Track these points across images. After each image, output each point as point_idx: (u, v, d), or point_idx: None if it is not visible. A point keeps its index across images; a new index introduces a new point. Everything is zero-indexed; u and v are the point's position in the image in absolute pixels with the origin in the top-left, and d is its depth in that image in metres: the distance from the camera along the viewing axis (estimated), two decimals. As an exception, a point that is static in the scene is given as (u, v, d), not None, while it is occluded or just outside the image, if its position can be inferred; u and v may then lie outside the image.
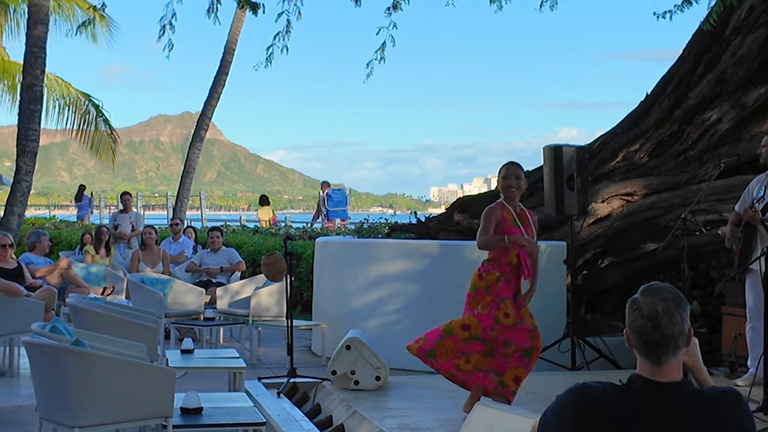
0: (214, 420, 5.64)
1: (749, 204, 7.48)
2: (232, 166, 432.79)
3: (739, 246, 7.63)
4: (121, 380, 5.36)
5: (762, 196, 7.47)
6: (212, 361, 7.85)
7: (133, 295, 11.27)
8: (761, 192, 7.49)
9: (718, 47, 10.02)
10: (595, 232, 9.97)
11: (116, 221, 16.14)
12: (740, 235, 7.60)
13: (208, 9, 11.12)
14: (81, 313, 7.75)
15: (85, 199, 26.46)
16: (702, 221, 8.70)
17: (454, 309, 8.16)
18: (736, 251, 7.70)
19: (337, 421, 6.92)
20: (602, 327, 9.53)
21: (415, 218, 11.73)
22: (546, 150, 9.08)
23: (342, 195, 22.63)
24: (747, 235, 7.56)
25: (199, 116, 23.09)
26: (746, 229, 7.55)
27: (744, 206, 7.81)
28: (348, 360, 7.55)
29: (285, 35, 11.63)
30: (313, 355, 10.89)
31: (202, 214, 29.59)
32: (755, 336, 7.53)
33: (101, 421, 5.30)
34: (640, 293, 2.85)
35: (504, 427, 4.28)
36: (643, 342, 2.78)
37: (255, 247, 15.84)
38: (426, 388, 7.79)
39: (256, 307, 10.77)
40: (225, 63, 22.55)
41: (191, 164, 22.97)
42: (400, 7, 10.98)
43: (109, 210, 31.69)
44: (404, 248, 10.06)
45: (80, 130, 23.05)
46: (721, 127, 9.73)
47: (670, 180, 9.93)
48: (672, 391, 2.77)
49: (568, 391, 2.86)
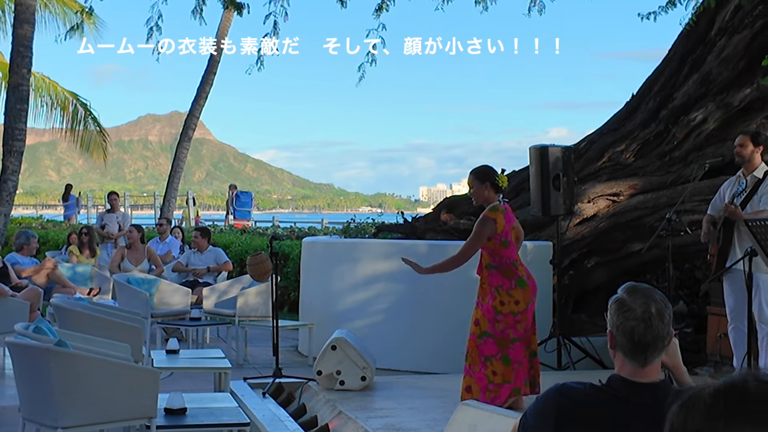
0: (198, 420, 5.64)
1: (729, 200, 7.51)
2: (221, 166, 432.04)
3: (717, 246, 7.66)
4: (104, 381, 5.35)
5: (741, 191, 7.49)
6: (197, 362, 7.84)
7: (119, 295, 11.23)
8: (741, 187, 7.51)
9: (703, 48, 10.05)
10: (581, 232, 9.99)
11: (103, 221, 16.09)
12: (718, 235, 7.64)
13: (193, 10, 11.13)
14: (65, 314, 7.73)
15: (72, 198, 26.37)
16: (687, 221, 8.72)
17: (440, 309, 8.23)
18: (713, 252, 7.73)
19: (322, 422, 6.92)
20: (588, 327, 9.55)
21: (402, 218, 11.73)
22: (532, 150, 9.09)
23: (248, 197, 25.04)
24: (725, 235, 7.59)
25: (187, 116, 23.06)
26: (724, 229, 7.60)
27: (716, 209, 7.86)
28: (334, 360, 7.55)
29: (273, 36, 11.64)
30: (299, 355, 10.88)
31: (189, 214, 29.53)
32: (738, 336, 7.56)
33: (84, 422, 5.29)
34: (626, 294, 2.84)
35: (488, 427, 4.28)
36: (633, 343, 2.77)
37: (242, 247, 15.81)
38: (412, 388, 7.79)
39: (243, 307, 10.75)
40: (213, 62, 22.50)
41: (179, 164, 22.94)
42: (386, 8, 10.99)
43: (97, 210, 31.58)
44: (391, 248, 10.05)
45: (69, 130, 22.97)
46: (707, 127, 9.76)
47: (655, 180, 9.96)
48: (652, 392, 2.77)
49: (548, 392, 2.86)
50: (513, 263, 6.72)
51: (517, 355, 6.65)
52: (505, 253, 6.71)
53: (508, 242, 6.71)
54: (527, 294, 6.67)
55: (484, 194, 6.82)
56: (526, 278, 6.71)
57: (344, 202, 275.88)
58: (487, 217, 6.70)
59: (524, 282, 6.68)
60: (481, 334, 6.66)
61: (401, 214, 12.07)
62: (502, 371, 6.62)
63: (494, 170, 6.96)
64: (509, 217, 6.80)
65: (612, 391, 2.79)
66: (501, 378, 6.61)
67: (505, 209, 6.81)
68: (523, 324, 6.66)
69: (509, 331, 6.63)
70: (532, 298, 6.70)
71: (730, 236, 7.59)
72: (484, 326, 6.65)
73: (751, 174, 7.62)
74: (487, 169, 6.96)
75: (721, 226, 7.63)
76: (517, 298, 6.65)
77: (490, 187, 6.81)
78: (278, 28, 11.54)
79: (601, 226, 9.98)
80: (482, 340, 6.66)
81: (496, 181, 6.81)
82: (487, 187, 6.81)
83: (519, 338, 6.66)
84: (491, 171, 6.94)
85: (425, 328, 9.37)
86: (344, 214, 27.29)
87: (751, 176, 7.61)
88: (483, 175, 6.87)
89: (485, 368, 6.63)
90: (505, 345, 6.62)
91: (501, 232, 6.67)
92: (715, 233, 7.68)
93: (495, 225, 6.66)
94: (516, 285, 6.66)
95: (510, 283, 6.67)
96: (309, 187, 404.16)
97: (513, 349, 6.64)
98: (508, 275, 6.68)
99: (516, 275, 6.69)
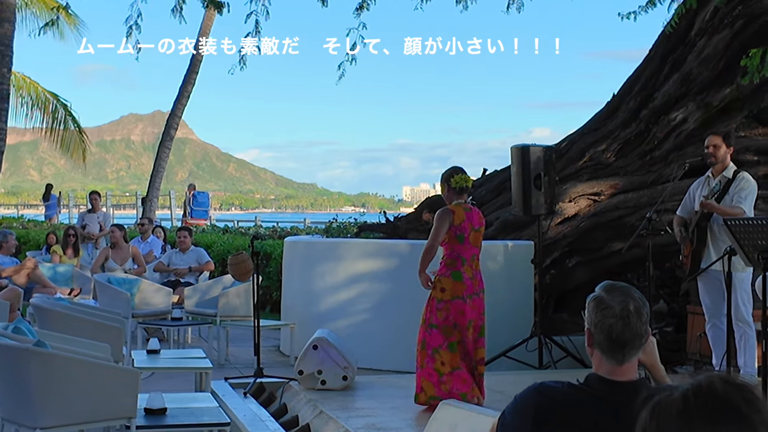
0: (178, 420, 5.63)
1: (707, 195, 7.56)
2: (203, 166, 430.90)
3: (690, 247, 7.72)
4: (83, 381, 5.33)
5: (719, 189, 7.53)
6: (178, 362, 7.82)
7: (100, 295, 11.18)
8: (718, 187, 7.56)
9: (683, 48, 10.10)
10: (563, 232, 10.01)
11: (84, 221, 16.01)
12: (691, 236, 7.70)
13: (173, 9, 11.10)
14: (45, 314, 7.70)
15: (53, 198, 26.23)
16: (667, 221, 8.74)
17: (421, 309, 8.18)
18: (686, 253, 7.79)
19: (303, 421, 6.91)
20: (569, 326, 9.57)
21: (384, 218, 11.73)
22: (513, 150, 9.10)
23: (205, 197, 25.64)
24: (699, 236, 7.65)
25: (169, 115, 23.01)
26: (698, 229, 7.65)
27: (686, 210, 7.92)
28: (315, 360, 7.54)
29: (255, 35, 11.63)
30: (281, 354, 10.86)
31: (172, 214, 29.46)
32: (716, 334, 7.62)
33: (63, 422, 5.27)
34: (604, 292, 2.84)
35: (468, 426, 4.28)
36: (611, 340, 2.78)
37: (224, 247, 15.77)
38: (393, 388, 7.80)
39: (225, 306, 10.73)
40: (195, 62, 22.45)
41: (161, 163, 22.88)
42: (367, 7, 10.99)
43: (78, 209, 31.46)
44: (373, 248, 10.05)
45: (49, 129, 22.88)
46: (687, 127, 9.81)
47: (636, 180, 10.00)
48: (629, 390, 2.78)
49: (527, 391, 2.86)
50: (461, 258, 6.80)
51: (433, 342, 6.74)
52: (457, 247, 6.79)
53: (464, 237, 6.78)
54: (457, 287, 6.73)
55: (447, 196, 6.98)
56: (466, 277, 6.77)
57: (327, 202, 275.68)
58: (446, 209, 6.84)
59: (460, 276, 6.75)
60: (428, 327, 6.79)
61: (383, 213, 12.07)
62: (449, 359, 6.75)
63: (454, 171, 6.99)
64: (471, 216, 6.86)
65: (590, 390, 2.80)
66: (449, 367, 6.73)
67: (469, 208, 6.87)
68: (443, 313, 6.71)
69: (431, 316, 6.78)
70: (462, 295, 6.75)
71: (704, 237, 7.65)
72: (430, 319, 6.79)
73: (720, 174, 7.68)
74: (448, 172, 7.02)
75: (694, 227, 7.69)
76: (445, 285, 6.75)
77: (448, 189, 6.90)
78: (260, 27, 11.53)
79: (582, 225, 10.00)
80: (429, 332, 6.79)
81: (450, 182, 6.88)
82: (446, 189, 6.93)
83: (437, 325, 6.73)
84: (447, 172, 7.01)
85: (407, 328, 9.35)
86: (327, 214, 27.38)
87: (721, 176, 7.66)
88: (444, 178, 7.01)
89: (433, 362, 6.75)
90: (449, 332, 6.70)
91: (458, 225, 6.76)
92: (688, 234, 7.74)
93: (453, 216, 6.78)
94: (450, 275, 6.74)
95: (447, 271, 6.75)
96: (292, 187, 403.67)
97: (430, 335, 6.72)
98: (450, 265, 6.77)
99: (455, 268, 6.76)
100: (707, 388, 1.68)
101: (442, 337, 6.76)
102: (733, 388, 1.70)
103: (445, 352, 6.74)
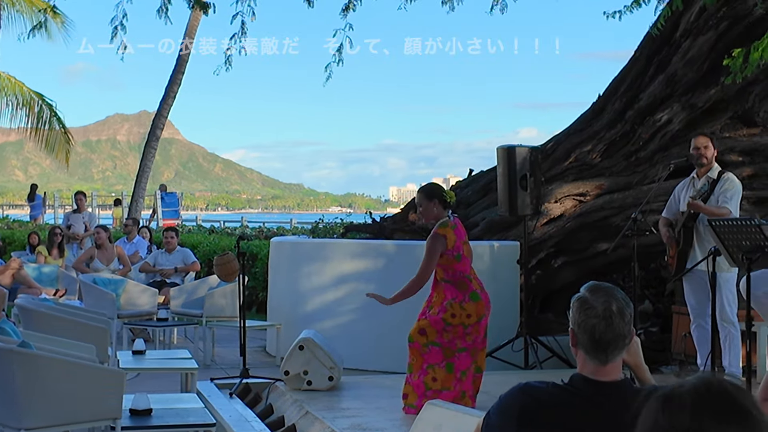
0: (164, 421, 5.62)
1: (694, 196, 7.59)
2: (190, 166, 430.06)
3: (676, 248, 7.75)
4: (68, 382, 5.31)
5: (706, 189, 7.57)
6: (164, 362, 7.81)
7: (85, 296, 11.15)
8: (705, 187, 7.59)
9: (668, 49, 10.13)
10: (548, 232, 10.04)
11: (69, 221, 15.97)
12: (678, 237, 7.74)
13: (158, 9, 11.07)
14: (30, 314, 7.67)
15: (38, 198, 26.17)
16: (652, 221, 8.78)
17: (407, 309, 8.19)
18: (672, 253, 7.82)
19: (289, 422, 6.91)
20: (555, 326, 9.59)
21: (371, 218, 11.73)
22: (499, 150, 9.12)
23: (173, 198, 26.57)
24: (685, 236, 7.69)
25: (155, 115, 22.98)
26: (684, 230, 7.69)
27: (671, 212, 7.96)
28: (301, 360, 7.54)
29: (241, 36, 11.61)
30: (267, 355, 10.85)
31: (158, 215, 29.39)
32: (701, 334, 7.66)
33: (48, 423, 5.25)
34: (588, 292, 2.86)
35: (453, 426, 4.29)
36: (594, 341, 2.79)
37: (210, 248, 15.75)
38: (379, 388, 7.80)
39: (210, 307, 10.71)
40: (181, 62, 22.43)
41: (147, 164, 22.85)
42: (353, 8, 10.99)
43: (64, 209, 31.38)
44: (359, 248, 10.05)
45: (34, 129, 22.79)
46: (672, 128, 9.85)
47: (622, 180, 10.03)
48: (613, 391, 2.79)
49: (511, 391, 2.87)
50: (467, 277, 6.78)
51: (462, 365, 6.72)
52: (458, 267, 6.76)
53: (461, 256, 6.77)
54: (480, 308, 6.72)
55: (433, 211, 6.89)
56: (479, 291, 6.77)
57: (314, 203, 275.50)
58: (437, 234, 6.75)
59: (477, 296, 6.73)
60: (427, 343, 6.70)
61: (370, 214, 12.07)
62: (443, 378, 6.68)
63: (441, 187, 7.06)
64: (459, 232, 6.85)
65: (574, 390, 2.81)
66: (440, 384, 6.67)
67: (455, 224, 6.85)
68: (472, 336, 6.72)
69: (457, 341, 6.70)
70: (485, 312, 6.76)
71: (690, 238, 7.68)
72: (432, 336, 6.69)
73: (705, 175, 7.72)
74: (434, 187, 7.05)
75: (680, 228, 7.73)
76: (470, 311, 6.70)
77: (438, 204, 6.87)
78: (246, 27, 11.51)
79: (568, 226, 10.03)
80: (427, 349, 6.71)
81: (444, 197, 6.87)
82: (435, 204, 6.88)
83: (466, 348, 6.72)
84: (438, 188, 7.02)
85: (393, 328, 9.36)
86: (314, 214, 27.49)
87: (706, 177, 7.70)
88: (430, 193, 6.93)
89: (425, 375, 6.70)
90: (451, 354, 6.69)
91: (452, 247, 6.73)
92: (674, 235, 7.78)
93: (446, 241, 6.72)
94: (469, 299, 6.72)
95: (463, 296, 6.73)
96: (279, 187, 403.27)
97: (458, 359, 6.71)
98: (462, 288, 6.74)
99: (470, 289, 6.75)
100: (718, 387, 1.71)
101: (441, 356, 6.72)
102: (740, 390, 1.73)
103: (441, 371, 6.70)
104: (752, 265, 6.12)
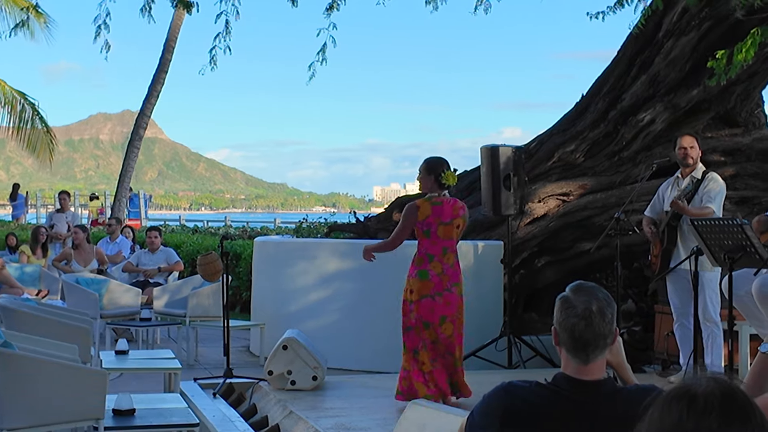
0: (147, 421, 5.60)
1: (679, 196, 7.62)
2: (173, 165, 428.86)
3: (660, 247, 7.78)
4: (50, 382, 5.29)
5: (690, 189, 7.60)
6: (147, 362, 7.78)
7: (68, 296, 11.10)
8: (689, 187, 7.63)
9: (651, 49, 10.16)
10: (532, 232, 10.06)
11: (53, 221, 15.89)
12: (661, 236, 7.77)
13: (141, 8, 11.02)
14: (12, 314, 7.62)
15: (20, 198, 26.04)
16: (635, 221, 8.82)
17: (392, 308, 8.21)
18: (656, 252, 7.85)
19: (272, 422, 6.90)
20: (539, 326, 9.61)
21: (355, 218, 11.73)
22: (483, 150, 9.13)
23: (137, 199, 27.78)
24: (669, 236, 7.73)
25: (138, 115, 22.91)
26: (668, 229, 7.73)
27: (654, 211, 8.00)
28: (284, 360, 7.53)
29: (225, 36, 11.56)
30: (251, 355, 10.83)
31: (141, 214, 29.31)
32: (683, 333, 7.69)
33: (30, 424, 5.23)
34: (571, 292, 2.88)
35: (437, 425, 4.30)
36: (574, 340, 2.81)
37: (193, 247, 15.71)
38: (363, 388, 7.80)
39: (194, 307, 10.68)
40: (164, 61, 22.37)
41: (130, 163, 22.77)
42: (337, 7, 10.97)
43: (46, 209, 31.23)
44: (343, 248, 10.04)
45: (16, 128, 22.65)
46: (655, 128, 9.89)
47: (605, 180, 10.07)
48: (596, 390, 2.81)
49: (495, 390, 2.88)
50: (428, 255, 6.81)
51: (411, 343, 6.80)
52: (424, 242, 6.81)
53: (430, 233, 6.78)
54: (423, 287, 6.75)
55: (427, 185, 6.96)
56: (433, 274, 6.77)
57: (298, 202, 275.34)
58: (413, 204, 6.84)
59: (427, 274, 6.76)
60: (405, 330, 6.85)
61: (354, 213, 12.08)
62: (427, 358, 6.79)
63: (444, 165, 6.98)
64: (440, 210, 6.82)
65: (557, 390, 2.82)
66: (429, 365, 6.79)
67: (440, 202, 6.84)
68: (414, 314, 6.75)
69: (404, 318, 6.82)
70: (429, 294, 6.75)
71: (674, 237, 7.72)
72: (405, 322, 6.84)
73: (689, 175, 7.75)
74: (437, 162, 7.01)
75: (664, 227, 7.76)
76: (413, 287, 6.79)
77: (434, 181, 6.88)
78: (230, 27, 11.47)
79: (552, 225, 10.06)
80: (407, 335, 6.84)
81: (440, 177, 6.87)
82: (431, 180, 6.90)
83: (411, 327, 6.77)
84: (439, 165, 6.97)
85: (377, 328, 9.38)
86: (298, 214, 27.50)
87: (690, 177, 7.74)
88: (431, 168, 6.97)
89: (416, 362, 6.76)
90: (422, 333, 6.78)
91: (422, 221, 6.77)
92: (658, 234, 7.81)
93: (417, 212, 6.78)
94: (416, 275, 6.78)
95: (414, 271, 6.78)
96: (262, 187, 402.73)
97: (408, 337, 6.77)
98: (418, 264, 6.81)
99: (423, 266, 6.77)
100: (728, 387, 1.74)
101: (418, 338, 6.79)
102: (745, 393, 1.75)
103: (423, 352, 6.78)
104: (734, 264, 6.16)
